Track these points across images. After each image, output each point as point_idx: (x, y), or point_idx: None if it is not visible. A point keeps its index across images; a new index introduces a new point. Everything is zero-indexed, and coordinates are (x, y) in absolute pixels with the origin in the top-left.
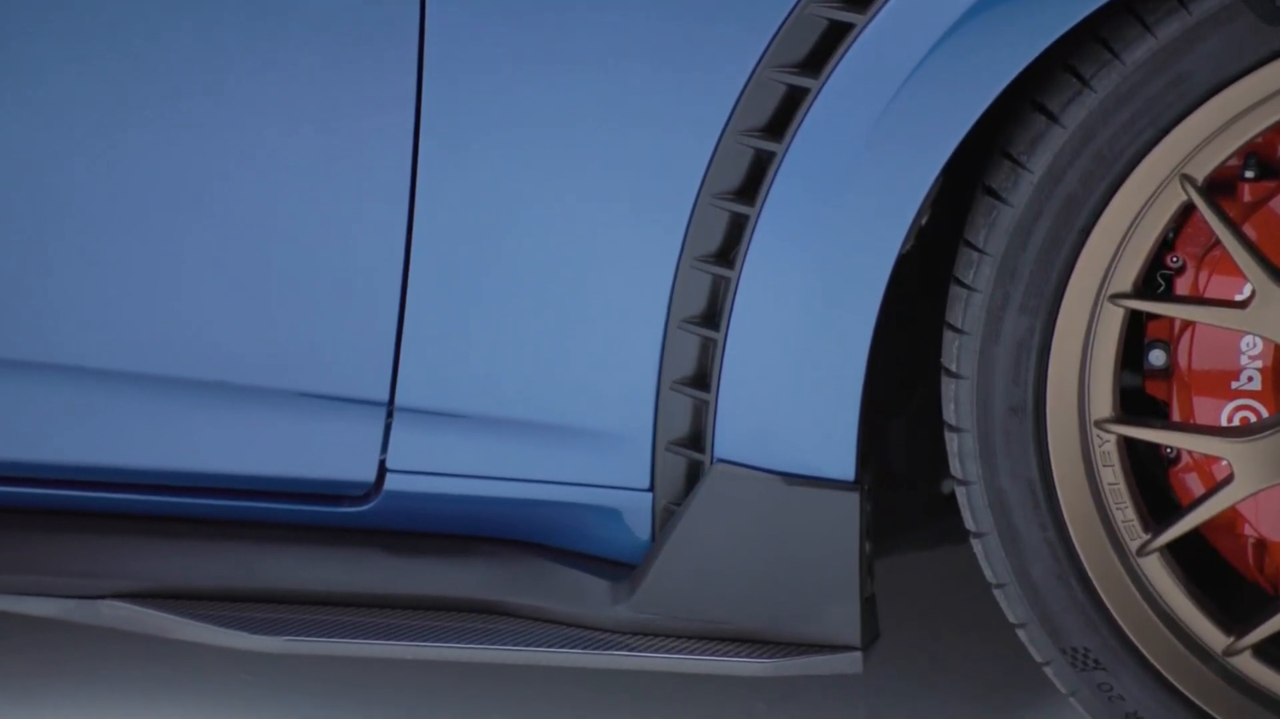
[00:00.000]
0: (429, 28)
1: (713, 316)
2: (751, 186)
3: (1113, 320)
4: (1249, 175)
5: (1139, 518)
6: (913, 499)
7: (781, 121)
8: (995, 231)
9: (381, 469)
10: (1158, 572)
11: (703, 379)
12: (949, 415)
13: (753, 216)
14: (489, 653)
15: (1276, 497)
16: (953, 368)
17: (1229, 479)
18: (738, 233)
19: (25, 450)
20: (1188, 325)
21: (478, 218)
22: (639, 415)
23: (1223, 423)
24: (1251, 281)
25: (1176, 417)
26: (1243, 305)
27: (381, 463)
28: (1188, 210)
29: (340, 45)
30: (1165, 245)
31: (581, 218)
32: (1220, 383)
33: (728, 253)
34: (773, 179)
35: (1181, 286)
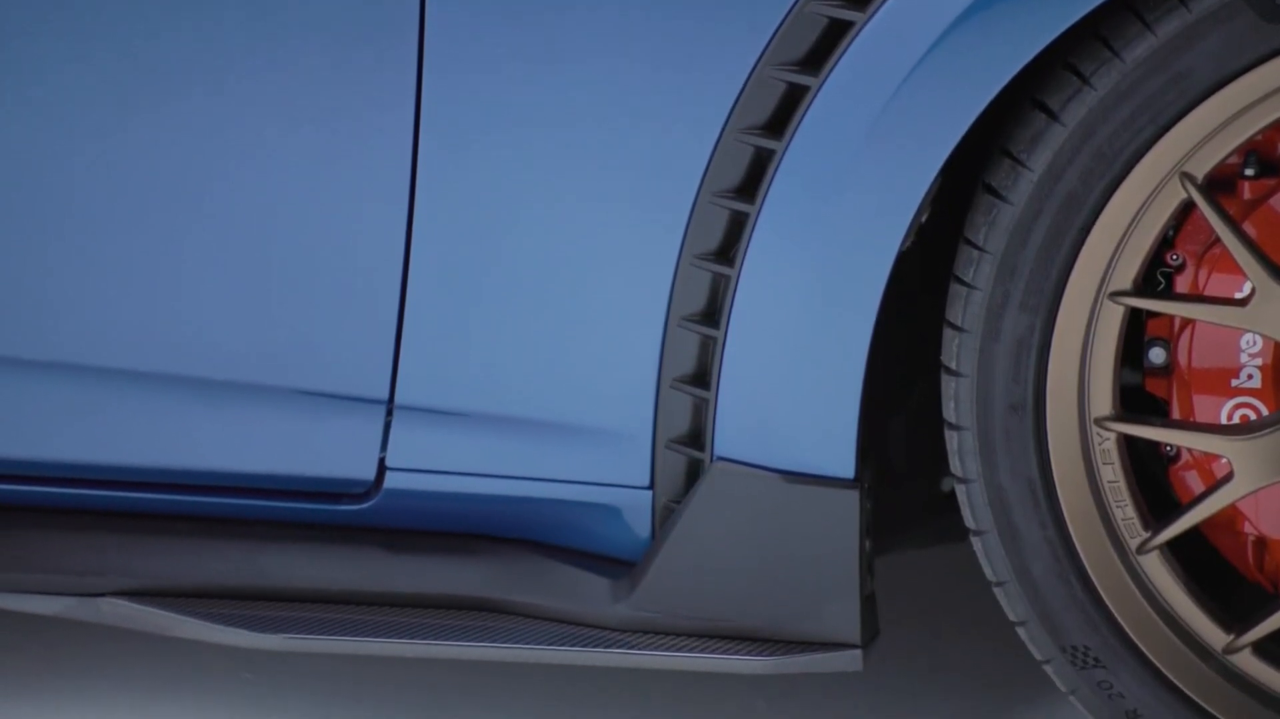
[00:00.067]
0: (429, 27)
1: (713, 314)
2: (751, 185)
3: (1113, 318)
4: (1249, 173)
5: (1139, 516)
6: (913, 497)
7: (781, 119)
8: (995, 229)
9: (381, 467)
10: (1157, 570)
11: (703, 377)
12: (949, 413)
13: (753, 214)
14: (489, 651)
15: (1276, 494)
16: (953, 365)
17: (1229, 477)
18: (738, 231)
19: (25, 448)
20: (1188, 323)
21: (478, 216)
22: (639, 413)
23: (1222, 421)
24: (1251, 279)
25: (1176, 414)
26: (1243, 303)
27: (381, 461)
28: (1188, 208)
29: (340, 45)
30: (1165, 243)
31: (581, 216)
32: (1220, 381)
33: (728, 251)
34: (772, 177)
35: (1181, 284)
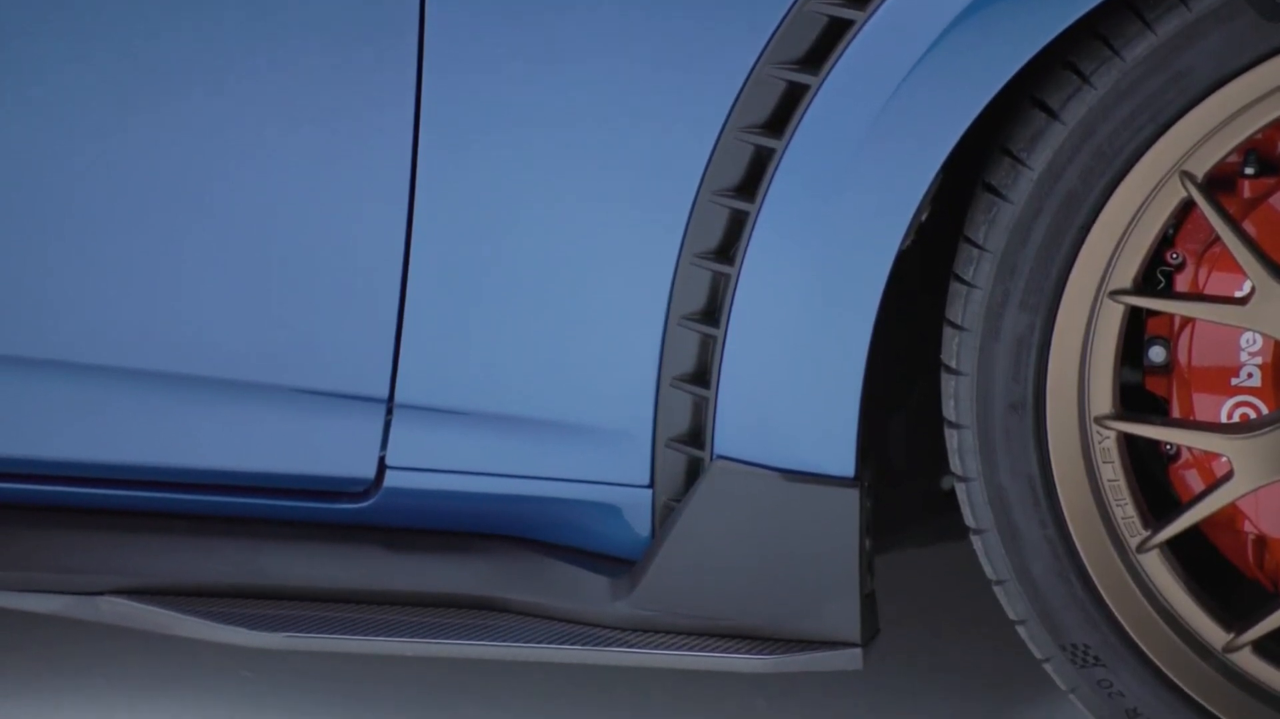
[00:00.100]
0: (429, 27)
1: (713, 313)
2: (751, 183)
3: (1112, 317)
4: (1249, 172)
5: (1139, 514)
6: (912, 495)
7: (781, 118)
8: (995, 228)
9: (381, 466)
10: (1157, 568)
11: (703, 376)
12: (949, 412)
13: (752, 213)
14: (489, 649)
15: (1276, 493)
16: (953, 364)
17: (1229, 476)
18: (737, 230)
19: (25, 446)
20: (1187, 322)
21: (477, 216)
22: (639, 412)
23: (1222, 419)
24: (1251, 278)
25: (1176, 413)
26: (1242, 302)
27: (381, 459)
28: (1188, 207)
29: (340, 45)
30: (1165, 242)
31: (581, 215)
32: (1220, 379)
33: (727, 250)
34: (772, 176)
35: (1181, 283)
